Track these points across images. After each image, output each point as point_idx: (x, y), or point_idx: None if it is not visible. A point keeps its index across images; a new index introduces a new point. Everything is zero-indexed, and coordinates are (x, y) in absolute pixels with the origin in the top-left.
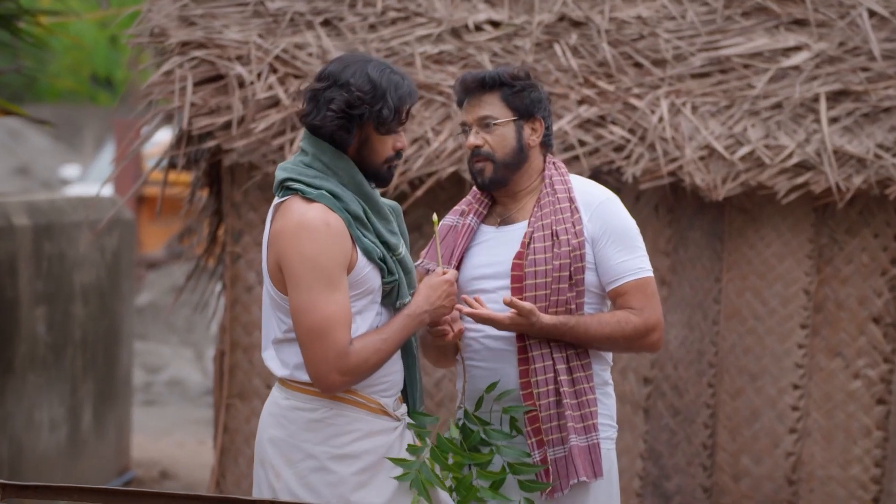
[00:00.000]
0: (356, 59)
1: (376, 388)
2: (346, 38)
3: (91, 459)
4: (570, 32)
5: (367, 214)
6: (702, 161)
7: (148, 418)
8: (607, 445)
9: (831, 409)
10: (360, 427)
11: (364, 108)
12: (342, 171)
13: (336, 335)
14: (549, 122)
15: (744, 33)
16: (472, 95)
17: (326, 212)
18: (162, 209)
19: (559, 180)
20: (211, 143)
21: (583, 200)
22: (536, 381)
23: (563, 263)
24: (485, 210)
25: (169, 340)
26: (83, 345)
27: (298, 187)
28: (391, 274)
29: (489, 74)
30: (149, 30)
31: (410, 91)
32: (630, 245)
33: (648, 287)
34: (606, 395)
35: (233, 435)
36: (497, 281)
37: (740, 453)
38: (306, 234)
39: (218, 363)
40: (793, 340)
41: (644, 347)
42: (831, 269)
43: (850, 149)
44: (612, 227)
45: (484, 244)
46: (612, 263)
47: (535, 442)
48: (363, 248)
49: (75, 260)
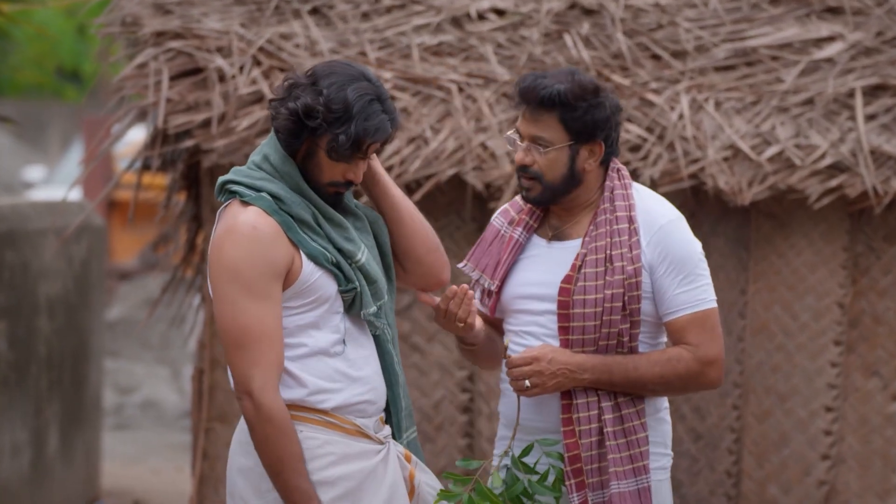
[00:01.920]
0: (347, 72)
1: (351, 409)
2: (337, 28)
3: (57, 488)
4: (582, 21)
5: (318, 220)
6: (726, 162)
7: (119, 443)
8: (659, 476)
9: (868, 434)
10: (333, 451)
11: (320, 123)
12: (287, 175)
13: (255, 350)
14: (615, 136)
15: (772, 22)
16: (528, 108)
17: (259, 216)
18: (135, 215)
19: (620, 195)
20: (189, 143)
21: (644, 221)
22: (579, 417)
23: (615, 293)
24: (536, 223)
25: (143, 358)
26: (48, 362)
27: (236, 189)
28: (349, 281)
29: (551, 92)
30: (120, 18)
31: (380, 128)
32: (690, 274)
33: (708, 320)
34: (659, 420)
35: (212, 461)
36: (545, 304)
37: (768, 482)
38: (230, 239)
39: (196, 383)
40: (825, 358)
41: (701, 386)
42: (868, 280)
43: (888, 149)
44: (672, 254)
45: (533, 259)
46: (669, 294)
47: (575, 484)
48: (308, 253)
49: (40, 270)
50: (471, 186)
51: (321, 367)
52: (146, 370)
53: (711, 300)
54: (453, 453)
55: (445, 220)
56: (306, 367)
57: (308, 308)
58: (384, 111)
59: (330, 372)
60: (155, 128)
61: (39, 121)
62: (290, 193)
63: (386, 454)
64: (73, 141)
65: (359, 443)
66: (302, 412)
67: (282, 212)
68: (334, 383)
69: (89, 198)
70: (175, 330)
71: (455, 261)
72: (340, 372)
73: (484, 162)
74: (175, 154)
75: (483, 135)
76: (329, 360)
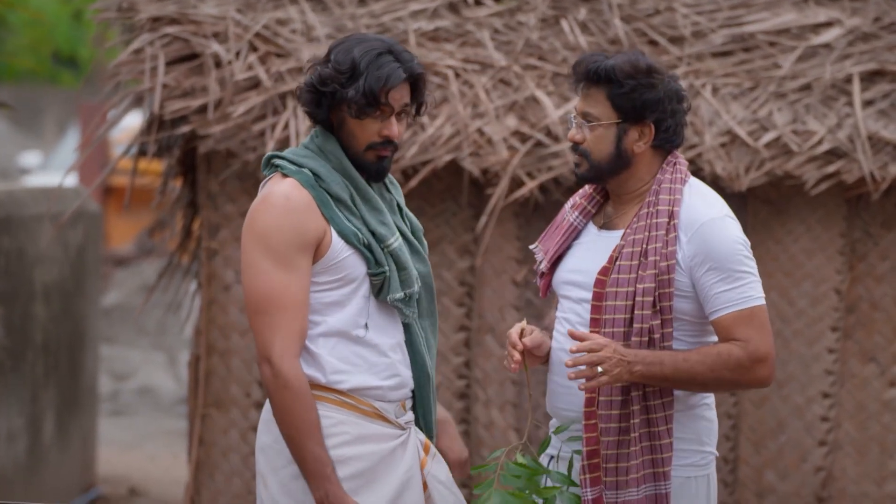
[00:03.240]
0: (355, 37)
1: (369, 392)
2: (333, 14)
3: (53, 475)
4: (579, 7)
5: (355, 200)
6: (723, 148)
7: (116, 430)
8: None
9: (865, 420)
10: (348, 430)
11: (334, 86)
12: (330, 154)
13: (278, 317)
14: (671, 123)
15: (769, 8)
16: (581, 84)
17: (294, 188)
18: (131, 201)
19: (667, 189)
20: (185, 129)
21: (686, 218)
22: (601, 413)
23: (646, 288)
24: (594, 208)
25: (139, 344)
26: (44, 349)
27: (279, 163)
28: (378, 265)
29: (599, 67)
30: (116, 4)
31: (390, 75)
32: (733, 272)
33: (756, 318)
34: (694, 417)
35: (209, 448)
36: (582, 291)
37: (765, 468)
38: (263, 208)
39: (192, 369)
40: (822, 344)
41: (752, 383)
42: (865, 265)
43: (885, 134)
44: (712, 253)
45: (583, 246)
46: (712, 294)
47: (590, 479)
48: (339, 230)
49: (36, 256)
50: (467, 172)
51: (340, 349)
52: (142, 356)
53: (758, 297)
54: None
55: (442, 205)
56: (326, 346)
57: (335, 286)
58: (396, 60)
59: (348, 354)
60: (151, 113)
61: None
62: (331, 172)
63: (406, 439)
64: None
65: (376, 425)
66: (319, 391)
67: (319, 188)
68: (352, 365)
69: (85, 184)
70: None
71: (449, 247)
72: (359, 355)
73: (481, 148)
74: (171, 140)
75: (480, 120)
76: (349, 343)
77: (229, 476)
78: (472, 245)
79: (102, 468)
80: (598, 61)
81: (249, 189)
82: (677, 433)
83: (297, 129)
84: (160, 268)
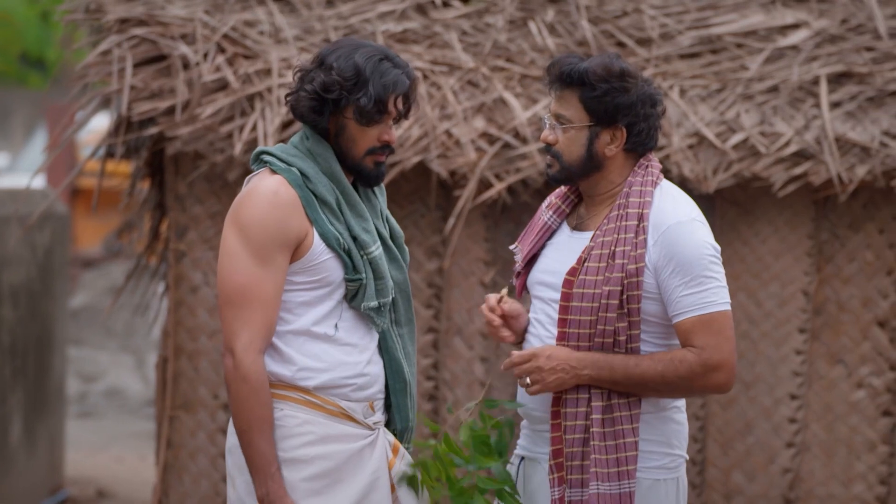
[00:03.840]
0: (349, 43)
1: (335, 391)
2: (301, 15)
3: (20, 477)
4: (547, 9)
5: (340, 205)
6: (691, 150)
7: (83, 432)
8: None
9: (832, 422)
10: (313, 430)
11: (341, 93)
12: (320, 157)
13: (247, 310)
14: (644, 127)
15: (737, 9)
16: (554, 86)
17: (282, 185)
18: (99, 202)
19: (637, 191)
20: (153, 130)
21: (654, 221)
22: (566, 412)
23: (612, 290)
24: (568, 208)
25: (106, 346)
26: (12, 351)
27: (268, 159)
28: (356, 272)
29: (572, 69)
30: (84, 5)
31: (397, 81)
32: (697, 276)
33: (715, 323)
34: (663, 419)
35: (177, 450)
36: (552, 292)
37: (732, 469)
38: (248, 200)
39: (160, 371)
40: (790, 346)
41: (707, 389)
42: (832, 267)
43: (852, 136)
44: (677, 256)
45: (556, 246)
46: (675, 297)
47: (557, 478)
48: (322, 233)
49: (3, 258)
50: (435, 174)
51: (309, 347)
52: (110, 358)
53: (721, 303)
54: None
55: (410, 207)
56: (295, 344)
57: (310, 287)
58: (396, 66)
59: (318, 352)
60: (119, 115)
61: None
62: (319, 174)
63: (374, 440)
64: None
65: (342, 425)
66: (286, 390)
67: (305, 188)
68: (321, 363)
69: (53, 185)
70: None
71: (417, 249)
72: (329, 353)
73: (448, 150)
74: (139, 141)
75: (448, 122)
76: (319, 341)
77: (197, 478)
78: (441, 247)
79: (70, 470)
80: (571, 63)
81: (217, 191)
82: (646, 435)
83: (265, 130)
84: (128, 269)
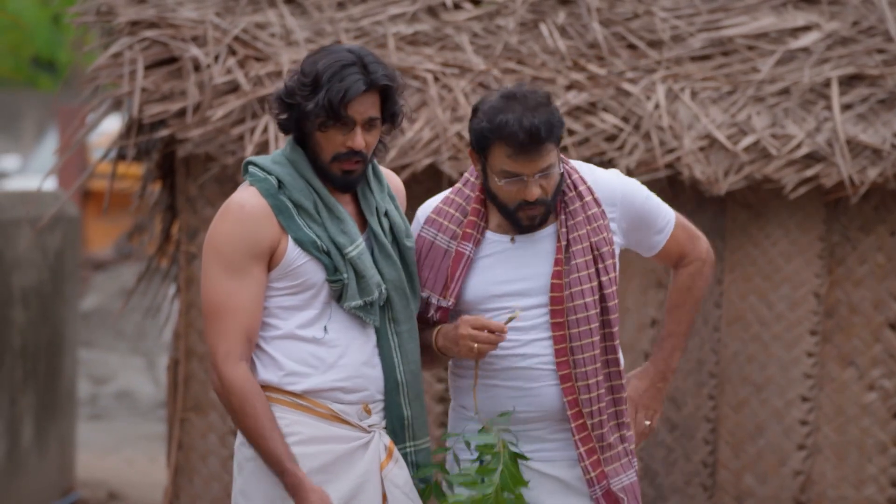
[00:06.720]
0: (327, 49)
1: (325, 394)
2: (312, 17)
3: (31, 479)
4: (558, 11)
5: (318, 208)
6: (702, 152)
7: (94, 434)
8: None
9: (843, 424)
10: (301, 430)
11: (297, 98)
12: (294, 163)
13: (223, 322)
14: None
15: (748, 12)
16: (532, 149)
17: (252, 196)
18: (110, 205)
19: (578, 178)
20: (164, 132)
21: (604, 198)
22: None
23: (611, 277)
24: (481, 235)
25: (117, 348)
26: (23, 353)
27: (250, 170)
28: (337, 272)
29: (543, 128)
30: (95, 7)
31: (349, 87)
32: (653, 215)
33: (683, 227)
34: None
35: (188, 452)
36: (530, 298)
37: (744, 472)
38: (220, 216)
39: (171, 373)
40: (801, 348)
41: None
42: (844, 269)
43: (864, 138)
44: (638, 213)
45: (497, 256)
46: (649, 243)
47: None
48: (296, 238)
49: (14, 260)
50: (447, 176)
51: (297, 351)
52: (121, 360)
53: (670, 216)
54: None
55: None
56: (282, 349)
57: (292, 291)
58: (363, 72)
59: (305, 356)
60: (130, 117)
61: (14, 110)
62: (296, 180)
63: (367, 442)
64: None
65: (334, 427)
66: (274, 393)
67: (278, 196)
68: (309, 367)
69: (64, 187)
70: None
71: None
72: (316, 357)
73: (460, 151)
74: (150, 144)
75: (459, 124)
76: (305, 345)
77: (208, 480)
78: None
79: (81, 472)
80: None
81: (228, 192)
82: None
83: (276, 132)
84: (139, 271)
